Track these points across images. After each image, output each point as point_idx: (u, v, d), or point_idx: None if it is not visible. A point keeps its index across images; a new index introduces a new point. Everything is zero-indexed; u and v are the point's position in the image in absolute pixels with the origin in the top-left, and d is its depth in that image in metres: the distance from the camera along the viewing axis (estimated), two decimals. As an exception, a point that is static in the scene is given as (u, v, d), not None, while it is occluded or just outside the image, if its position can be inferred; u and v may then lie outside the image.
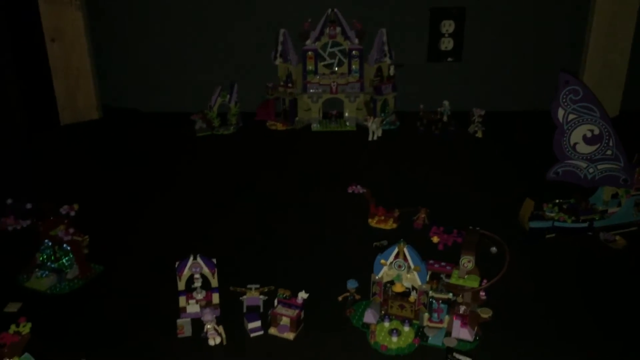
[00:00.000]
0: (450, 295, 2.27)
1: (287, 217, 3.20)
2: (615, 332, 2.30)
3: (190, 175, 3.73)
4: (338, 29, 4.28)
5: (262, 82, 4.46)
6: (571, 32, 4.43)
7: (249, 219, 3.18)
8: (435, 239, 2.90)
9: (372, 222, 3.10)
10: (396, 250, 2.27)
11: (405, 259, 2.27)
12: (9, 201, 2.67)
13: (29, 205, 2.65)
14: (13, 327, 2.10)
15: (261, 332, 2.33)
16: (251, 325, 2.33)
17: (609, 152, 2.89)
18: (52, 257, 2.67)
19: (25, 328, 2.10)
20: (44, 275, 2.63)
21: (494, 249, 2.76)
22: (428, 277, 2.31)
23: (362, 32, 4.30)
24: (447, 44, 4.54)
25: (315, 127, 4.36)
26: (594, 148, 2.90)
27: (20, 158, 4.00)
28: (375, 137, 4.16)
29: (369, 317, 2.34)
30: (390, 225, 3.07)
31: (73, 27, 4.26)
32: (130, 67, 4.63)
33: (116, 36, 4.55)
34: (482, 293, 2.27)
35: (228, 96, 4.30)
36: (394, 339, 2.26)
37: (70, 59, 4.35)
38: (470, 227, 2.37)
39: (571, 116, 2.85)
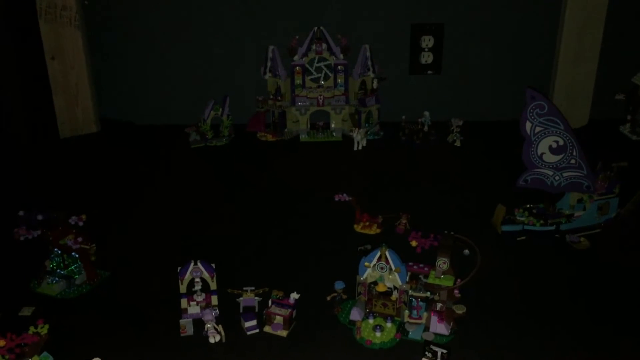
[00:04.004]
0: (428, 293, 2.48)
1: (278, 223, 3.41)
2: (581, 325, 2.53)
3: (185, 185, 3.91)
4: (324, 46, 4.49)
5: (252, 95, 4.68)
6: (543, 45, 4.67)
7: (244, 225, 3.38)
8: (413, 243, 3.12)
9: (358, 228, 3.30)
10: (379, 253, 2.49)
11: (387, 261, 2.48)
12: (21, 213, 2.85)
13: (39, 217, 2.83)
14: (32, 328, 2.30)
15: (257, 331, 2.53)
16: (247, 324, 2.53)
17: (572, 161, 3.13)
18: (62, 265, 2.85)
19: (44, 329, 2.30)
20: (54, 281, 2.81)
21: (466, 252, 2.98)
22: (408, 277, 2.52)
23: (346, 48, 4.53)
24: (427, 58, 4.77)
25: (303, 137, 4.58)
26: (559, 157, 3.14)
27: (22, 170, 4.16)
28: (360, 147, 4.38)
29: (355, 314, 2.54)
30: (374, 230, 3.27)
31: (72, 45, 4.41)
32: (127, 82, 4.80)
33: (113, 52, 4.72)
34: (456, 291, 2.50)
35: (220, 109, 4.50)
36: (378, 334, 2.46)
37: (69, 75, 4.49)
38: (446, 232, 2.59)
39: (538, 129, 3.10)
